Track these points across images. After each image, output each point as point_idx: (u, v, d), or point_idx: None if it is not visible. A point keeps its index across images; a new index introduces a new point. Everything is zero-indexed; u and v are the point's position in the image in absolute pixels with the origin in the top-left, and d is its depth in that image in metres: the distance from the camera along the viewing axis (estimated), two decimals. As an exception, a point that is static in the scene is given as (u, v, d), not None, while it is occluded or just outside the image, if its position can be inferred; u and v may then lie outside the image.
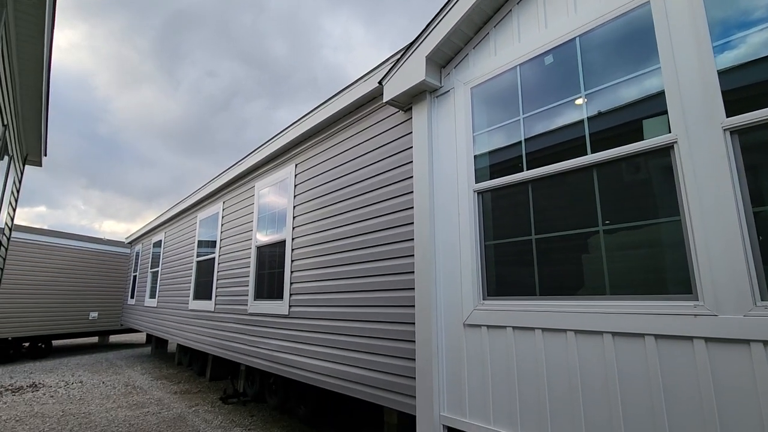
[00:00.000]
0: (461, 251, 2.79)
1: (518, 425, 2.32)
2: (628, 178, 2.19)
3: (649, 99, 2.11)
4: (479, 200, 2.80)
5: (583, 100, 2.38)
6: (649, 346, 1.90)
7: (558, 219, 2.48)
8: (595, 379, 2.06)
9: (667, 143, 1.98)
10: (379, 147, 3.69)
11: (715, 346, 1.73)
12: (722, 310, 1.72)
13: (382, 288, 3.37)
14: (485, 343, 2.55)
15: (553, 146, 2.54)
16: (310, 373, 4.00)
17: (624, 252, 2.13)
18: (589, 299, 2.18)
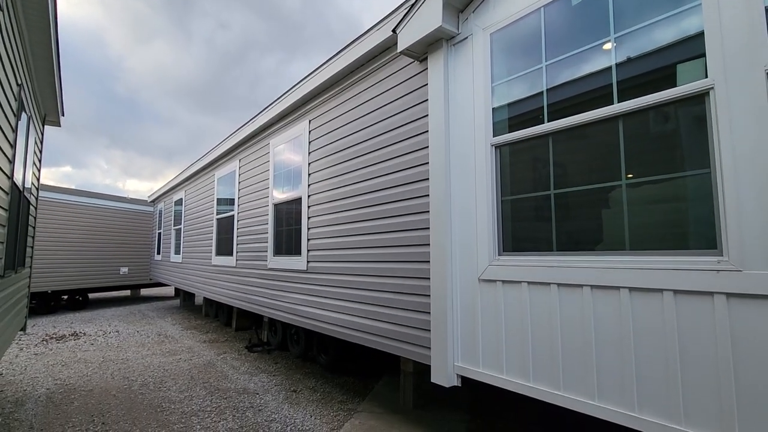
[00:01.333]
0: (477, 207, 2.75)
1: (530, 376, 2.39)
2: (656, 128, 2.07)
3: (685, 41, 1.94)
4: (497, 155, 2.71)
5: (612, 45, 2.21)
6: (667, 301, 1.88)
7: (578, 173, 2.39)
8: (610, 334, 2.07)
9: (703, 89, 1.83)
10: (394, 100, 3.57)
11: (736, 302, 1.70)
12: (747, 266, 1.67)
13: (398, 244, 3.40)
14: (500, 298, 2.58)
15: (576, 96, 2.40)
16: (330, 325, 4.16)
17: (647, 206, 2.06)
18: (608, 254, 2.14)
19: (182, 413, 3.79)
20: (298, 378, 4.86)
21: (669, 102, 1.97)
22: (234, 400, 4.13)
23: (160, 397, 4.20)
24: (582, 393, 2.16)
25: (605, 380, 2.08)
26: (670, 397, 1.85)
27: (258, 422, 3.57)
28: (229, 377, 4.89)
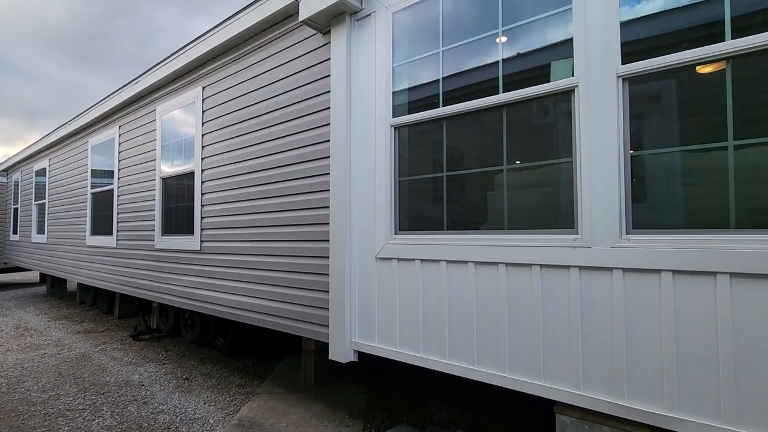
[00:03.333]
0: (376, 187, 2.79)
1: (420, 347, 2.54)
2: (534, 119, 2.28)
3: (559, 44, 2.15)
4: (396, 135, 2.76)
5: (500, 38, 2.36)
6: (535, 274, 2.13)
7: (469, 157, 2.56)
8: (489, 305, 2.29)
9: (569, 87, 2.06)
10: (296, 73, 3.40)
11: (585, 273, 1.99)
12: (595, 243, 1.95)
13: (298, 223, 3.31)
14: (395, 275, 2.68)
15: (470, 85, 2.53)
16: (227, 308, 3.94)
17: (523, 190, 2.28)
18: (490, 233, 2.34)
19: (46, 415, 3.31)
20: (192, 365, 4.56)
21: (544, 96, 2.17)
22: (114, 394, 3.72)
23: (16, 400, 3.61)
24: (464, 359, 2.37)
25: (483, 346, 2.30)
26: (534, 358, 2.12)
27: (142, 416, 3.28)
28: (109, 370, 4.39)
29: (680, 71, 1.84)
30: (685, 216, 1.82)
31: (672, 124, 1.89)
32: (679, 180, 1.85)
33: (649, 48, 1.90)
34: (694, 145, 1.81)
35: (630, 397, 1.85)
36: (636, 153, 1.93)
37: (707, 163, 1.78)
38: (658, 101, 1.95)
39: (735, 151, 1.71)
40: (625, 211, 1.90)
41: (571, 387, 2.00)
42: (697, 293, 1.71)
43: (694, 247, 1.72)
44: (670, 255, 1.76)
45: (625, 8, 1.94)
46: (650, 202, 1.91)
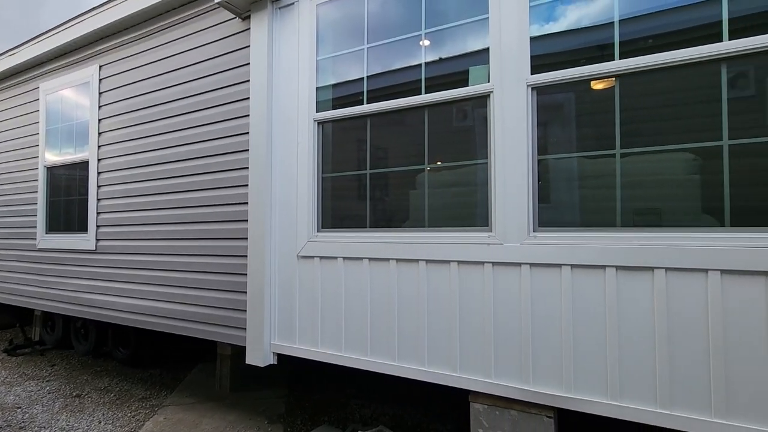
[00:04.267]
0: (299, 183, 2.70)
1: (342, 346, 2.52)
2: (454, 121, 2.37)
3: (477, 52, 2.25)
4: (319, 131, 2.69)
5: (423, 41, 2.41)
6: (453, 270, 2.21)
7: (392, 156, 2.58)
8: (410, 300, 2.33)
9: (485, 92, 2.17)
10: (212, 58, 3.15)
11: (498, 268, 2.11)
12: (507, 240, 2.09)
13: (213, 219, 3.08)
14: (317, 274, 2.61)
15: (393, 85, 2.55)
16: (130, 314, 3.54)
17: (443, 189, 2.36)
18: (412, 231, 2.39)
19: None
20: (84, 380, 4.02)
21: (463, 99, 2.27)
22: (-21, 422, 3.14)
23: None
24: (387, 356, 2.39)
25: (405, 342, 2.34)
26: (451, 350, 2.21)
27: (17, 444, 2.81)
28: (-27, 393, 3.70)
29: (579, 85, 2.03)
30: (581, 215, 2.02)
31: (572, 132, 2.08)
32: (577, 183, 2.05)
33: (554, 62, 2.07)
34: (589, 152, 2.02)
35: (535, 382, 2.00)
36: (542, 157, 2.10)
37: (599, 169, 1.99)
38: (561, 111, 2.14)
39: (621, 159, 1.93)
40: (532, 211, 2.06)
41: (484, 376, 2.11)
42: (590, 284, 1.91)
43: (588, 243, 1.91)
44: (569, 251, 1.94)
45: (535, 26, 2.10)
46: (554, 202, 2.09)
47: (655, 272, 1.77)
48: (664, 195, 1.85)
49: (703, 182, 1.80)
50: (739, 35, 1.72)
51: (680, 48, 1.80)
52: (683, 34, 1.85)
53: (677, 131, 1.86)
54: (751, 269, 1.62)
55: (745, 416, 1.63)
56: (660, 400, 1.76)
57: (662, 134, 1.88)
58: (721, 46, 1.72)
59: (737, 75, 1.78)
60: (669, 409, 1.74)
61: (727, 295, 1.66)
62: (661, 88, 1.90)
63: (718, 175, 1.76)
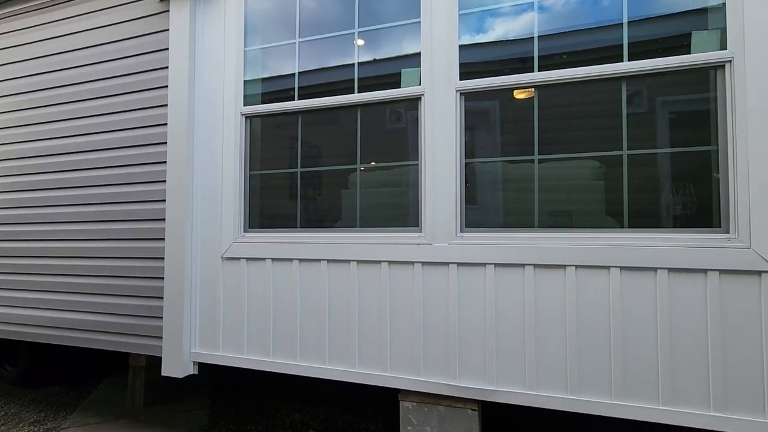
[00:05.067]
0: (224, 180, 2.54)
1: (270, 351, 2.41)
2: (386, 122, 2.39)
3: (410, 55, 2.29)
4: (247, 125, 2.56)
5: (357, 40, 2.39)
6: (384, 270, 2.22)
7: (324, 154, 2.53)
8: (341, 301, 2.30)
9: (416, 95, 2.21)
10: (123, 40, 2.85)
11: (427, 268, 2.16)
12: (436, 240, 2.14)
13: (125, 218, 2.79)
14: (244, 276, 2.48)
15: (326, 83, 2.51)
16: (18, 327, 3.09)
17: (375, 189, 2.37)
18: (343, 231, 2.35)
19: None
20: (-43, 405, 3.43)
21: (395, 100, 2.29)
22: None
23: None
24: (316, 359, 2.33)
25: (335, 344, 2.30)
26: (382, 350, 2.21)
27: None
28: None
29: (503, 93, 2.15)
30: (504, 217, 2.14)
31: (496, 138, 2.20)
32: (500, 186, 2.16)
33: (481, 70, 2.17)
34: (511, 157, 2.14)
35: (461, 377, 2.08)
36: (469, 161, 2.18)
37: (520, 173, 2.12)
38: (487, 117, 2.24)
39: (539, 165, 2.07)
40: (460, 212, 2.13)
41: (414, 374, 2.15)
42: (511, 282, 2.02)
43: (510, 243, 2.02)
44: (493, 250, 2.04)
45: (464, 34, 2.18)
46: (479, 204, 2.18)
47: (567, 270, 1.93)
48: (575, 198, 2.02)
49: (607, 187, 2.00)
50: (636, 57, 1.92)
51: (589, 65, 1.98)
52: (592, 53, 2.03)
53: (586, 141, 2.04)
54: (643, 266, 1.82)
55: (640, 397, 1.82)
56: (570, 388, 1.91)
57: (574, 143, 2.05)
58: (621, 66, 1.92)
59: (634, 93, 1.99)
60: (577, 395, 1.90)
61: (625, 289, 1.86)
62: (573, 101, 2.07)
63: (619, 182, 1.96)
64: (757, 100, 1.70)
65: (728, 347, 1.72)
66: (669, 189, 1.93)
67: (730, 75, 1.76)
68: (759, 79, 1.70)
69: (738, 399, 1.70)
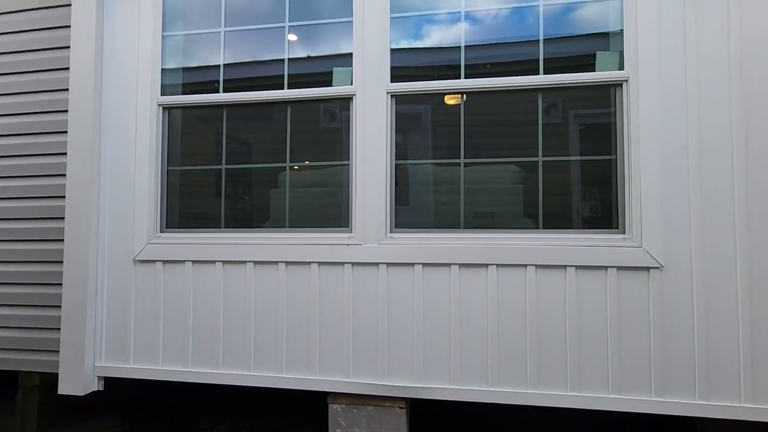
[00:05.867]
0: (137, 175, 2.32)
1: (189, 360, 2.25)
2: (318, 121, 2.34)
3: (343, 55, 2.27)
4: (166, 117, 2.36)
5: (287, 34, 2.32)
6: (314, 271, 2.18)
7: (252, 151, 2.43)
8: (268, 304, 2.21)
9: (348, 94, 2.20)
10: (12, 12, 2.49)
11: (357, 269, 2.15)
12: (366, 241, 2.14)
13: (15, 216, 2.43)
14: (160, 280, 2.28)
15: (255, 77, 2.41)
16: None
17: (305, 189, 2.31)
18: (271, 232, 2.27)
19: None
20: None
21: (326, 99, 2.26)
22: None
23: None
24: (241, 366, 2.21)
25: (262, 349, 2.20)
26: (311, 354, 2.16)
27: None
28: None
29: (433, 97, 2.21)
30: (432, 217, 2.20)
31: (425, 140, 2.26)
32: (429, 188, 2.22)
33: (412, 74, 2.22)
34: (439, 160, 2.21)
35: (390, 376, 2.10)
36: (400, 162, 2.22)
37: (447, 176, 2.19)
38: (418, 120, 2.29)
39: (465, 168, 2.16)
40: (390, 213, 2.16)
41: (343, 376, 2.13)
42: (438, 281, 2.08)
43: (437, 244, 2.09)
44: (421, 250, 2.08)
45: (395, 37, 2.22)
46: (409, 205, 2.23)
47: (489, 269, 2.03)
48: (497, 201, 2.14)
49: (525, 191, 2.14)
50: (551, 72, 2.09)
51: (510, 76, 2.10)
52: (513, 65, 2.17)
53: (507, 147, 2.17)
54: (555, 264, 1.98)
55: (552, 385, 1.97)
56: (491, 380, 2.01)
57: (496, 148, 2.17)
58: (538, 79, 2.07)
59: (550, 105, 2.16)
60: (498, 386, 2.01)
61: (540, 286, 2.00)
62: (496, 109, 2.19)
63: (535, 185, 2.11)
64: (648, 117, 1.93)
65: (624, 336, 1.92)
66: (578, 193, 2.12)
67: (626, 93, 1.98)
68: (648, 98, 1.93)
69: (631, 381, 1.91)
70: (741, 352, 1.83)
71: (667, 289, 1.90)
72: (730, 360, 1.85)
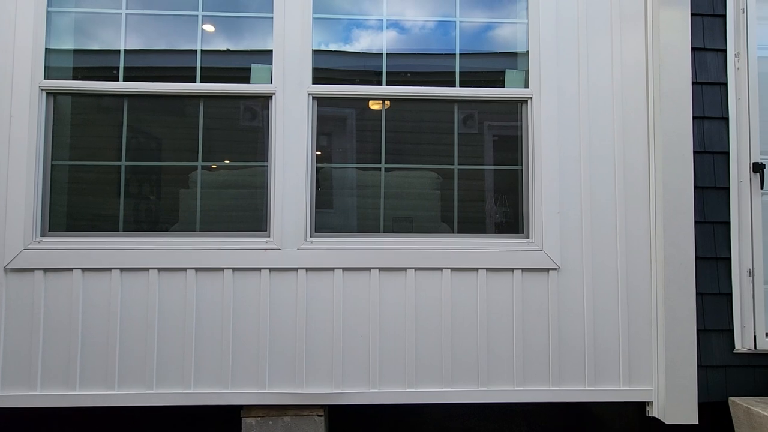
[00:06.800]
0: (10, 169, 1.99)
1: (77, 382, 1.97)
2: (234, 119, 2.21)
3: (262, 52, 2.17)
4: (50, 104, 2.07)
5: (201, 23, 2.17)
6: (227, 278, 2.04)
7: (159, 148, 2.22)
8: (175, 315, 2.03)
9: (267, 93, 2.11)
10: None
11: (275, 274, 2.07)
12: (285, 245, 2.07)
13: None
14: (39, 291, 1.98)
15: (163, 67, 2.21)
16: None
17: (219, 190, 2.17)
18: (179, 236, 2.09)
19: None
20: None
21: (243, 96, 2.15)
22: None
23: None
24: (140, 384, 2.00)
25: (166, 365, 2.01)
26: (223, 366, 2.02)
27: None
28: None
29: (356, 102, 2.22)
30: (353, 222, 2.20)
31: (348, 144, 2.25)
32: (350, 192, 2.21)
33: (334, 77, 2.20)
34: (361, 164, 2.22)
35: (308, 385, 2.04)
36: (321, 165, 2.18)
37: (369, 180, 2.21)
38: (340, 124, 2.28)
39: (386, 173, 2.20)
40: (310, 216, 2.11)
41: (258, 387, 2.02)
42: (358, 285, 2.07)
43: (357, 248, 2.08)
44: (341, 255, 2.07)
45: (320, 41, 2.19)
46: (330, 209, 2.20)
47: (408, 272, 2.08)
48: (416, 206, 2.21)
49: (442, 197, 2.23)
50: (466, 84, 2.21)
51: (429, 86, 2.19)
52: (432, 76, 2.26)
53: (426, 153, 2.25)
54: (469, 267, 2.08)
55: (465, 381, 2.07)
56: (409, 381, 2.06)
57: (416, 155, 2.24)
58: (454, 91, 2.18)
59: (467, 116, 2.28)
60: (416, 387, 2.06)
61: (454, 288, 2.09)
62: (416, 117, 2.27)
63: (452, 192, 2.21)
64: (548, 132, 2.13)
65: (527, 332, 2.09)
66: (490, 200, 2.26)
67: (530, 109, 2.16)
68: (548, 115, 2.13)
69: (534, 373, 2.08)
70: (620, 342, 2.09)
71: (563, 288, 2.10)
72: (612, 349, 2.10)
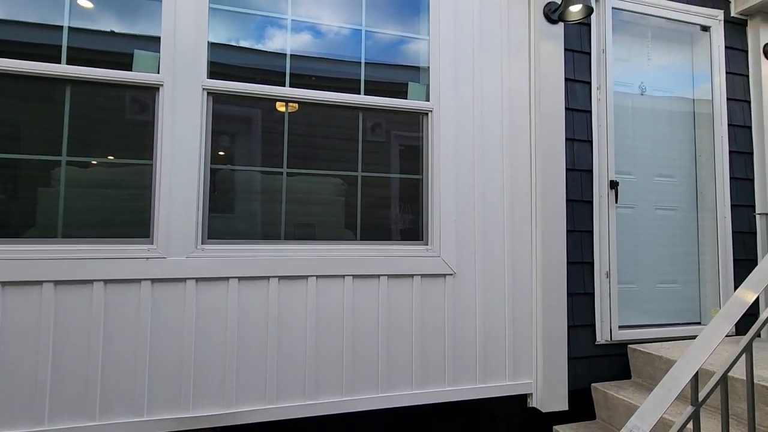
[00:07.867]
0: None
1: None
2: (111, 108, 1.94)
3: (149, 38, 1.95)
4: None
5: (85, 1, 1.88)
6: (97, 292, 1.77)
7: (12, 137, 1.85)
8: (23, 339, 1.70)
9: (153, 84, 1.90)
10: None
11: (159, 286, 1.85)
12: (171, 253, 1.86)
13: None
14: None
15: (19, 42, 1.86)
16: None
17: (89, 190, 1.88)
18: (35, 243, 1.76)
19: None
20: None
21: (123, 84, 1.90)
22: None
23: None
24: (83, 416, 1.63)
25: (12, 400, 1.67)
26: (87, 393, 1.74)
27: None
28: None
29: (259, 102, 2.10)
30: (251, 228, 2.07)
31: (248, 146, 2.12)
32: (249, 196, 2.08)
33: (234, 74, 2.06)
34: (261, 167, 2.10)
35: (195, 407, 1.85)
36: (216, 166, 2.02)
37: (269, 185, 2.10)
38: (240, 124, 2.14)
39: (287, 177, 2.12)
40: (202, 222, 1.94)
41: (134, 416, 1.78)
42: (256, 296, 1.95)
43: (255, 256, 1.96)
44: (237, 263, 1.93)
45: (219, 34, 2.04)
46: (226, 214, 2.04)
47: (309, 280, 2.02)
48: (318, 212, 2.16)
49: (346, 203, 2.22)
50: (371, 93, 2.23)
51: (333, 91, 2.16)
52: (331, 81, 2.24)
53: (330, 159, 2.21)
54: (371, 273, 2.10)
55: (365, 389, 2.06)
56: (308, 393, 1.99)
57: (320, 160, 2.19)
58: (358, 98, 2.19)
59: (375, 124, 2.30)
60: (315, 398, 2.00)
61: (356, 294, 2.08)
62: (321, 122, 2.22)
63: (355, 199, 2.21)
64: (446, 144, 2.25)
65: (426, 335, 2.16)
66: (393, 208, 2.31)
67: (430, 121, 2.27)
68: (447, 128, 2.26)
69: (432, 374, 2.15)
70: (507, 340, 2.28)
71: (458, 292, 2.22)
72: (500, 347, 2.27)
